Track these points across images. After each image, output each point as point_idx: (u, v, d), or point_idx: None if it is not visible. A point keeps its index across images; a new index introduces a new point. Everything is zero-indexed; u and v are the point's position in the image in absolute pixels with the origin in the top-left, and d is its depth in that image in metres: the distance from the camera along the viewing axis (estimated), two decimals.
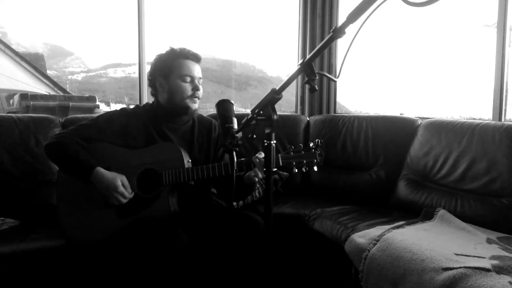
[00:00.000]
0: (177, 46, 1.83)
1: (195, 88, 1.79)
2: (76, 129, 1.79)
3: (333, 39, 0.87)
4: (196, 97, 1.80)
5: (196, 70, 1.80)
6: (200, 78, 1.82)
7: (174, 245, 1.55)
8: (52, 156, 1.77)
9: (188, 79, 1.78)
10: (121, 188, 1.67)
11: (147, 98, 3.03)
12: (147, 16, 3.01)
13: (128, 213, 1.71)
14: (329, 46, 0.91)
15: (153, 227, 1.62)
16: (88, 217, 1.74)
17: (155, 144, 1.79)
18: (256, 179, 1.74)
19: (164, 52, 1.83)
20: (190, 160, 1.77)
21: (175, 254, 1.54)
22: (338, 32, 0.86)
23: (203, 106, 1.98)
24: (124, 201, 1.68)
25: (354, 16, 0.83)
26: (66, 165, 1.74)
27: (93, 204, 1.74)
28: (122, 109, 1.90)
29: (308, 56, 0.94)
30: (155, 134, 1.82)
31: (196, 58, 1.81)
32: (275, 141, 1.07)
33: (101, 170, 1.67)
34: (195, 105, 1.80)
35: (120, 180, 1.67)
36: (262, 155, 1.63)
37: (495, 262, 1.35)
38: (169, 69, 1.78)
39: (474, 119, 2.27)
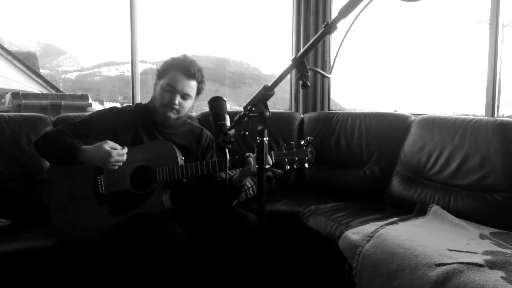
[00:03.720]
0: (190, 55, 1.83)
1: (171, 99, 1.75)
2: (66, 126, 1.80)
3: (325, 34, 0.87)
4: (171, 108, 1.77)
5: (182, 84, 1.76)
6: (186, 94, 1.77)
7: (170, 240, 1.54)
8: (41, 148, 1.76)
9: (170, 89, 1.76)
10: (114, 151, 1.60)
11: (140, 97, 3.01)
12: (140, 15, 2.99)
13: (121, 210, 1.71)
14: (321, 41, 0.91)
15: (148, 223, 1.62)
16: (80, 215, 1.73)
17: (149, 142, 1.79)
18: (245, 182, 1.77)
19: (177, 57, 1.82)
20: (183, 158, 1.77)
21: (171, 249, 1.53)
22: (330, 28, 0.85)
23: (198, 104, 1.99)
24: (124, 158, 1.63)
25: (345, 11, 0.83)
26: (54, 153, 1.71)
27: (86, 202, 1.73)
28: (112, 107, 1.92)
29: (300, 52, 0.94)
30: (143, 134, 1.82)
31: (190, 75, 1.76)
32: (267, 138, 1.06)
33: (85, 147, 1.63)
34: (172, 115, 1.78)
35: (106, 145, 1.60)
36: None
37: (487, 257, 1.36)
38: (163, 74, 1.80)
39: (467, 115, 2.28)
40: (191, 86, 1.78)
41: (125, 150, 1.65)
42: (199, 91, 1.87)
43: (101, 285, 1.76)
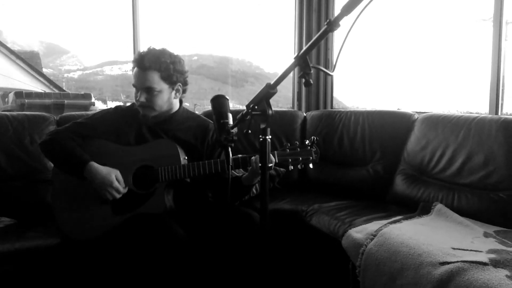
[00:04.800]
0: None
1: (137, 98, 1.74)
2: (70, 126, 1.80)
3: (327, 31, 0.86)
4: (141, 106, 1.75)
5: (139, 79, 1.72)
6: (146, 88, 1.72)
7: (171, 240, 1.54)
8: (47, 153, 1.78)
9: (136, 88, 1.76)
10: (116, 183, 1.66)
11: None
12: (142, 13, 2.99)
13: (123, 209, 1.71)
14: (324, 39, 0.90)
15: (149, 223, 1.62)
16: (83, 214, 1.74)
17: (153, 141, 1.79)
18: (255, 182, 1.74)
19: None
20: (186, 157, 1.76)
21: (172, 249, 1.54)
22: (333, 25, 0.85)
23: (200, 103, 1.97)
24: (118, 196, 1.67)
25: (348, 8, 0.82)
26: (61, 161, 1.74)
27: (89, 201, 1.73)
28: (116, 107, 1.92)
29: (302, 50, 0.93)
30: (146, 133, 1.81)
31: (143, 67, 1.70)
32: (270, 136, 1.06)
33: (95, 164, 1.67)
34: (147, 113, 1.76)
35: (114, 175, 1.67)
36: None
37: (492, 256, 1.35)
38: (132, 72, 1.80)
39: (470, 113, 2.26)
40: (149, 78, 1.70)
41: (125, 190, 1.69)
42: (169, 79, 1.75)
43: (104, 284, 1.76)
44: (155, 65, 1.70)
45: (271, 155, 1.56)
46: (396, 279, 1.42)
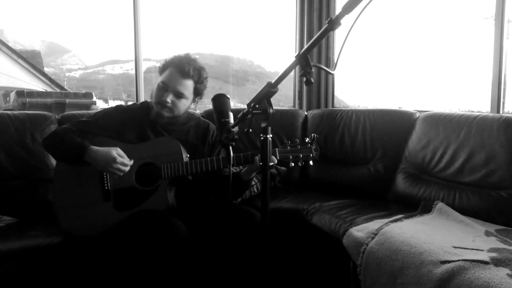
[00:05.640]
0: (194, 53, 1.83)
1: (164, 97, 1.76)
2: (72, 124, 1.82)
3: (328, 30, 0.86)
4: (163, 105, 1.76)
5: (175, 83, 1.75)
6: (178, 92, 1.76)
7: (174, 236, 1.55)
8: (48, 146, 1.79)
9: (165, 86, 1.77)
10: (120, 158, 1.65)
11: (144, 95, 3.02)
12: (144, 12, 2.99)
13: (126, 206, 1.72)
14: (325, 37, 0.90)
15: (152, 219, 1.63)
16: (85, 211, 1.75)
17: (155, 139, 1.80)
18: (253, 176, 1.76)
19: (178, 55, 1.83)
20: (188, 155, 1.78)
21: (175, 245, 1.54)
22: (334, 23, 0.85)
23: (201, 101, 1.98)
24: (127, 169, 1.66)
25: (349, 6, 0.82)
26: (62, 152, 1.74)
27: (91, 198, 1.74)
28: (117, 106, 1.92)
29: (303, 48, 0.93)
30: (148, 131, 1.82)
31: (184, 73, 1.75)
32: (271, 135, 1.06)
33: (94, 147, 1.66)
34: (164, 113, 1.78)
35: (115, 151, 1.65)
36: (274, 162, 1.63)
37: (493, 254, 1.35)
38: (162, 71, 1.81)
39: (472, 111, 2.26)
40: (185, 85, 1.77)
41: (131, 162, 1.68)
42: (197, 92, 1.84)
43: (107, 281, 1.77)
44: (195, 76, 1.78)
45: (272, 155, 1.58)
46: (397, 278, 1.42)
